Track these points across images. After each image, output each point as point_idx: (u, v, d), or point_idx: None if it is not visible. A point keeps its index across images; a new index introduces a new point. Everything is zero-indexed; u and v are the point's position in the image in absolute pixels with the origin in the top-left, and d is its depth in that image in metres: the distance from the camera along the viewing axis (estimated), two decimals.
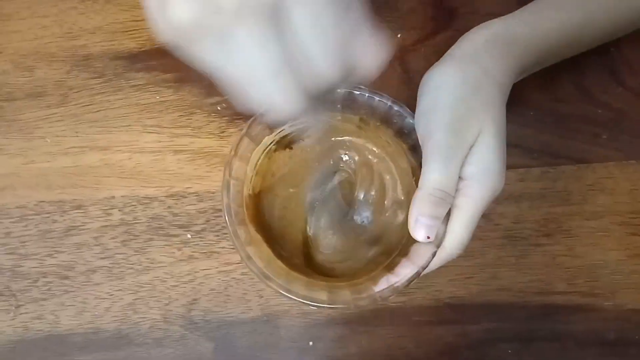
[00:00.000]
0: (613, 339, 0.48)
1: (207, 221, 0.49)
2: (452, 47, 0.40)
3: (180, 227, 0.49)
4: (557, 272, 0.49)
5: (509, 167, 0.50)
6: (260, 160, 0.41)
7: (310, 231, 0.42)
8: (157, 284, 0.48)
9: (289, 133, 0.41)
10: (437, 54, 0.41)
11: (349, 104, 0.39)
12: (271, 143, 0.41)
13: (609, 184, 0.50)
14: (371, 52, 0.25)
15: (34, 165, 0.50)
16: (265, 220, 0.41)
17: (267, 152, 0.41)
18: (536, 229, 0.50)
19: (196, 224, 0.49)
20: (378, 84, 0.52)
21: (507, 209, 0.50)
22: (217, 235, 0.49)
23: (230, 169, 0.37)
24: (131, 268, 0.48)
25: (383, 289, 0.35)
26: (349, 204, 0.43)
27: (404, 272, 0.35)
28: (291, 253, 0.40)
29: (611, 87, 0.52)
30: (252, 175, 0.40)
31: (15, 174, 0.50)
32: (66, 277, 0.48)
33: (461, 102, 0.36)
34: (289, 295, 0.34)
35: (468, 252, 0.49)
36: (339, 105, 0.39)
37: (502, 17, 0.41)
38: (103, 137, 0.50)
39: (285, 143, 0.42)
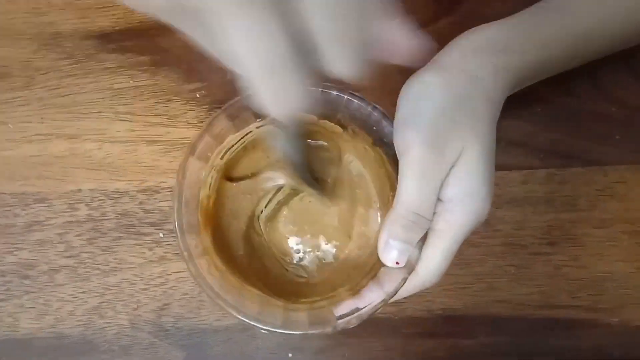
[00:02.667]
0: (617, 358, 0.45)
1: None
2: (439, 53, 0.36)
3: (152, 225, 0.46)
4: (560, 284, 0.46)
5: (512, 167, 0.47)
6: (224, 160, 0.37)
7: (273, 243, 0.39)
8: (125, 286, 0.45)
9: (256, 134, 0.37)
10: (439, 42, 0.37)
11: (326, 105, 0.35)
12: (238, 142, 0.37)
13: (620, 189, 0.47)
14: (402, 40, 0.21)
15: None
16: (223, 229, 0.37)
17: (231, 152, 0.37)
18: (539, 236, 0.46)
19: (169, 222, 0.46)
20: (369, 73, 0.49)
21: (508, 214, 0.46)
22: None
23: (184, 169, 0.33)
24: (97, 269, 0.45)
25: (345, 314, 0.32)
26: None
27: (371, 296, 0.32)
28: (247, 267, 0.37)
29: (628, 83, 0.49)
30: (213, 177, 0.36)
31: None
32: (27, 277, 0.45)
33: (443, 115, 0.32)
34: (239, 317, 0.31)
35: (464, 260, 0.46)
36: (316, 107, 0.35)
37: (498, 21, 0.37)
38: (71, 124, 0.47)
39: (254, 144, 0.38)
